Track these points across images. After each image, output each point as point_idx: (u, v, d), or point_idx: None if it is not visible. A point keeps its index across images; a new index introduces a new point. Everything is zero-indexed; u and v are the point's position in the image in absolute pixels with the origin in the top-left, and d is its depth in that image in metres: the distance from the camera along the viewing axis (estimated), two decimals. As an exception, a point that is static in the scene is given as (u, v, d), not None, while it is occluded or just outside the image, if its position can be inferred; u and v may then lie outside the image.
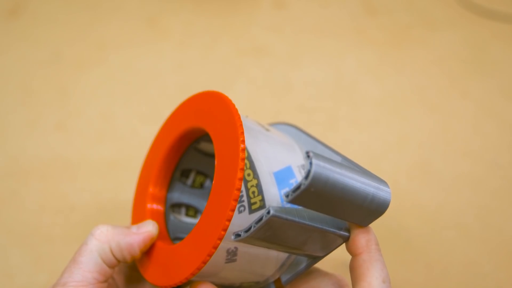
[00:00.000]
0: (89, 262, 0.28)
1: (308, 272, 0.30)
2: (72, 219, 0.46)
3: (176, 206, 0.34)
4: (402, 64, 0.57)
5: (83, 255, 0.28)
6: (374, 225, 0.27)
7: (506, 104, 0.53)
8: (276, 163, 0.28)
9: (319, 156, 0.22)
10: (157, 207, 0.32)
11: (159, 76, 0.57)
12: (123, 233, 0.29)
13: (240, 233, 0.25)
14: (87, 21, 0.62)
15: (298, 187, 0.22)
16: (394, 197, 0.47)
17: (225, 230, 0.24)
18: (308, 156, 0.22)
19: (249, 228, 0.24)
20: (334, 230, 0.26)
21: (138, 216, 0.32)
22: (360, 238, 0.26)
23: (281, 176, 0.27)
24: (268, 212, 0.23)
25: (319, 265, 0.31)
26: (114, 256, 0.28)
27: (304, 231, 0.25)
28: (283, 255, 0.29)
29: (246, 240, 0.25)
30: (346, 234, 0.27)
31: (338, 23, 0.61)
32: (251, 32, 0.60)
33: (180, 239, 0.33)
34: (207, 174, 0.35)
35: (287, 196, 0.23)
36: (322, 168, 0.22)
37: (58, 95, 0.55)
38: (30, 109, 0.54)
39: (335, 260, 0.37)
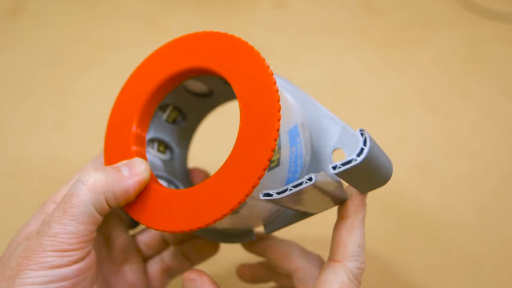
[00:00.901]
0: (83, 215, 0.25)
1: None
2: (72, 219, 0.46)
3: (150, 141, 0.31)
4: (402, 64, 0.57)
5: (75, 207, 0.25)
6: (374, 226, 0.27)
7: (506, 104, 0.53)
8: (289, 121, 0.27)
9: (369, 136, 0.24)
10: (141, 148, 0.30)
11: (159, 76, 0.57)
12: (117, 179, 0.27)
13: (272, 193, 0.24)
14: (87, 21, 0.62)
15: (348, 162, 0.23)
16: (394, 196, 0.48)
17: (254, 187, 0.24)
18: (362, 135, 0.23)
19: (284, 191, 0.24)
20: (342, 194, 0.27)
21: (117, 155, 0.29)
22: (353, 206, 0.28)
23: (292, 135, 0.27)
24: (310, 179, 0.23)
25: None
26: (108, 204, 0.27)
27: (320, 195, 0.26)
28: (274, 208, 0.29)
29: (273, 200, 0.25)
30: (346, 197, 0.28)
31: (338, 23, 0.61)
32: (251, 32, 0.60)
33: (159, 177, 0.31)
34: (182, 110, 0.33)
35: (334, 168, 0.24)
36: (373, 148, 0.23)
37: (58, 95, 0.55)
38: (30, 109, 0.54)
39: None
